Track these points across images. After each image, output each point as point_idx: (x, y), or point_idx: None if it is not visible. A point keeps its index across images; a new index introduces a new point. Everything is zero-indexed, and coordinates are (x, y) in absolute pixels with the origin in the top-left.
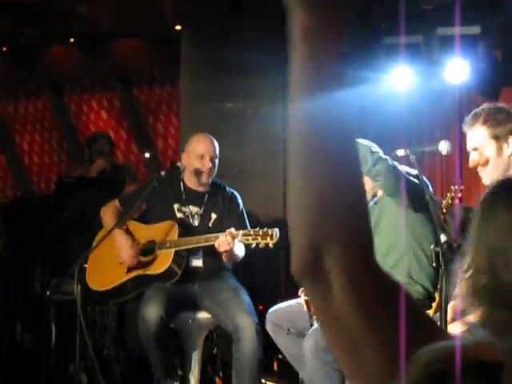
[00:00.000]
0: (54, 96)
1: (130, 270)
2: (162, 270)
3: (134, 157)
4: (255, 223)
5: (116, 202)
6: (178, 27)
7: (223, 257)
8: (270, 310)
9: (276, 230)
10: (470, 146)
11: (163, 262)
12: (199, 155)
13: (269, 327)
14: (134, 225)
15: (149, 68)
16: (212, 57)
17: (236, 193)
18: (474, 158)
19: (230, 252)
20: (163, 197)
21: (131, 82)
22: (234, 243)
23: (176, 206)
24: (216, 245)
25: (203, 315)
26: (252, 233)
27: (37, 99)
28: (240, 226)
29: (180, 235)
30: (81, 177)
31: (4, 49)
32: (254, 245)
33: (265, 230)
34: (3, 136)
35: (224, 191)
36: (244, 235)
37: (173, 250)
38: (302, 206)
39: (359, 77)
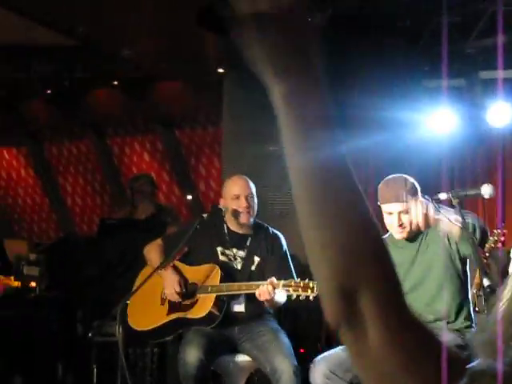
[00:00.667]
0: (97, 138)
1: (170, 311)
2: (202, 315)
3: (176, 199)
4: (297, 267)
5: (159, 241)
6: (221, 70)
7: (265, 303)
8: (321, 357)
9: (315, 282)
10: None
11: (203, 306)
12: (234, 196)
13: (321, 376)
14: (178, 266)
15: (191, 110)
16: (254, 99)
17: (279, 234)
18: None
19: (271, 300)
20: (207, 239)
21: (174, 124)
22: (274, 293)
23: (219, 248)
24: (257, 294)
25: (244, 358)
26: (293, 284)
27: (80, 141)
28: (282, 269)
29: (223, 278)
30: (123, 219)
31: (48, 91)
32: (294, 296)
33: (306, 281)
34: (47, 178)
35: (267, 233)
36: (285, 286)
37: (214, 295)
38: (327, 259)
39: (403, 119)
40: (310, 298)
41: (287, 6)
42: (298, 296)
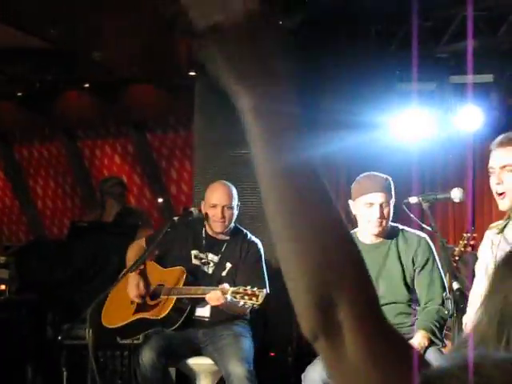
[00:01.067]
0: (68, 141)
1: (136, 311)
2: (162, 316)
3: (147, 202)
4: (270, 270)
5: (142, 242)
6: (192, 73)
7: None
8: (309, 366)
9: (264, 292)
10: (500, 162)
11: (164, 308)
12: (211, 205)
13: (315, 382)
14: (151, 266)
15: (163, 114)
16: (226, 103)
17: (257, 241)
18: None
19: (224, 307)
20: (183, 242)
21: (145, 127)
22: (224, 298)
23: (194, 252)
24: (206, 298)
25: (212, 362)
26: (241, 291)
27: (51, 144)
28: (252, 277)
29: (192, 282)
30: (94, 221)
31: (19, 94)
32: (241, 303)
33: (254, 289)
34: (17, 180)
35: (244, 239)
36: (233, 292)
37: (174, 298)
38: (303, 272)
39: (374, 122)
40: (255, 306)
41: (242, 15)
42: (244, 304)
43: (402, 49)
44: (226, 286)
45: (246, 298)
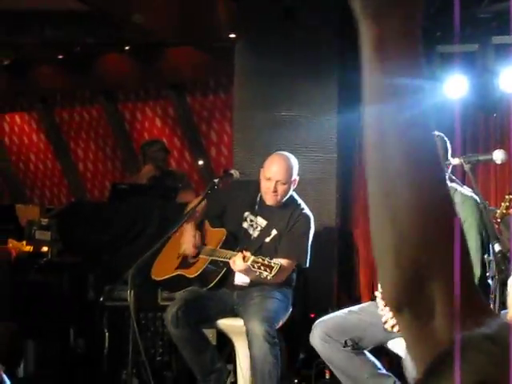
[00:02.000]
0: (108, 104)
1: (178, 267)
2: (194, 275)
3: (187, 164)
4: (319, 238)
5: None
6: (232, 35)
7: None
8: (318, 320)
9: (278, 264)
10: None
11: (197, 267)
12: (266, 177)
13: (318, 338)
14: (205, 225)
15: (202, 76)
16: (265, 65)
17: (309, 215)
18: None
19: (248, 274)
20: (238, 203)
21: (185, 90)
22: (245, 266)
23: (246, 214)
24: (230, 262)
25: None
26: (260, 260)
27: (91, 107)
28: (292, 249)
29: (234, 243)
30: (135, 184)
31: (60, 57)
32: (257, 273)
33: (269, 260)
34: (58, 143)
35: (296, 210)
36: (253, 261)
37: (208, 258)
38: (398, 231)
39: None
40: (268, 278)
41: None
42: (260, 274)
43: (443, 10)
44: (247, 253)
45: (262, 268)
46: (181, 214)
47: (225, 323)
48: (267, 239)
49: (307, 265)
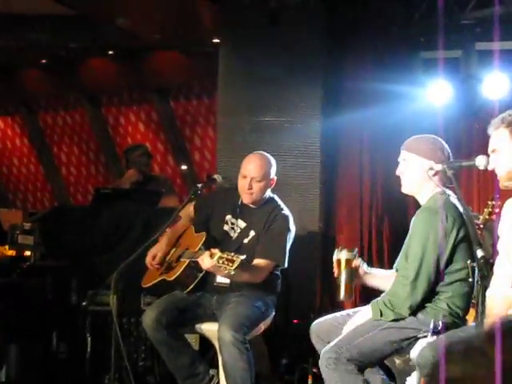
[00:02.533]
0: (92, 108)
1: (161, 273)
2: (172, 279)
3: (170, 169)
4: (298, 240)
5: (191, 207)
6: (216, 40)
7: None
8: (314, 322)
9: (239, 258)
10: (490, 147)
11: (176, 270)
12: (242, 175)
13: (313, 339)
14: (188, 231)
15: (186, 81)
16: (249, 70)
17: (286, 215)
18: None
19: (217, 272)
20: (221, 207)
21: (169, 94)
22: (213, 263)
23: (228, 217)
24: (199, 261)
25: None
26: (224, 256)
27: (75, 111)
28: (269, 248)
29: (214, 245)
30: (118, 188)
31: (43, 61)
32: (221, 268)
33: (232, 254)
34: (42, 147)
35: (273, 211)
36: (218, 257)
37: (186, 261)
38: None
39: (397, 92)
40: (231, 273)
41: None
42: (224, 269)
43: (427, 16)
44: (214, 250)
45: (226, 263)
46: (164, 218)
47: (205, 328)
48: (245, 240)
49: (285, 265)
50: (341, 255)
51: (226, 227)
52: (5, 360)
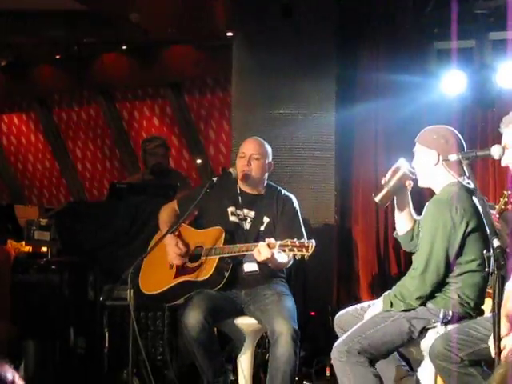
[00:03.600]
0: (107, 103)
1: (177, 275)
2: (206, 277)
3: (185, 163)
4: (306, 229)
5: (174, 204)
6: (230, 33)
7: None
8: (337, 315)
9: (312, 242)
10: (502, 144)
11: (207, 269)
12: (241, 155)
13: (337, 331)
14: (186, 230)
15: (200, 75)
16: (263, 63)
17: (292, 196)
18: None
19: (270, 261)
20: (218, 201)
21: (183, 88)
22: (272, 253)
23: (231, 209)
24: (254, 254)
25: (254, 321)
26: (289, 243)
27: (89, 106)
28: (291, 230)
29: (232, 239)
30: (134, 183)
31: (57, 56)
32: (290, 255)
33: (302, 241)
34: (57, 143)
35: (279, 194)
36: (281, 246)
37: (217, 258)
38: None
39: (411, 83)
40: (305, 257)
41: None
42: (294, 255)
43: (440, 6)
44: (271, 240)
45: (296, 249)
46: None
47: (234, 322)
48: (261, 228)
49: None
50: (403, 167)
51: (232, 218)
52: (23, 356)
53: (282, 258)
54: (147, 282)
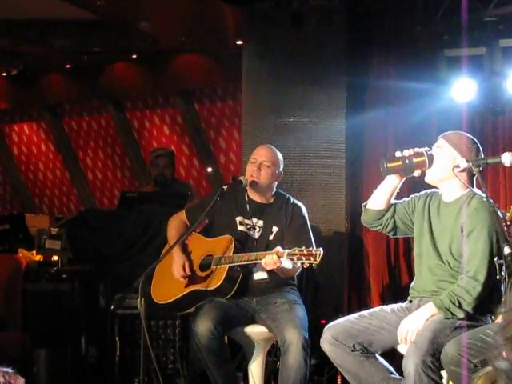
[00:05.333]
0: (117, 112)
1: (188, 284)
2: (216, 286)
3: (196, 172)
4: (316, 238)
5: (183, 215)
6: (239, 42)
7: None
8: (329, 324)
9: (320, 250)
10: None
11: (217, 278)
12: (251, 160)
13: (327, 343)
14: (196, 238)
15: (210, 83)
16: (273, 71)
17: (300, 205)
18: None
19: (279, 270)
20: (226, 210)
21: (193, 97)
22: (280, 262)
23: (239, 218)
24: (263, 263)
25: (264, 329)
26: (297, 252)
27: (100, 115)
28: (300, 239)
29: (241, 248)
30: (143, 192)
31: (68, 65)
32: (299, 264)
33: (310, 249)
34: (67, 152)
35: (288, 203)
36: (289, 254)
37: (227, 266)
38: None
39: (421, 90)
40: (313, 265)
41: None
42: (302, 264)
43: (450, 14)
44: (280, 248)
45: (304, 258)
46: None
47: (245, 331)
48: (270, 237)
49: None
50: (427, 155)
51: (241, 228)
52: (34, 365)
53: (291, 266)
54: (159, 292)
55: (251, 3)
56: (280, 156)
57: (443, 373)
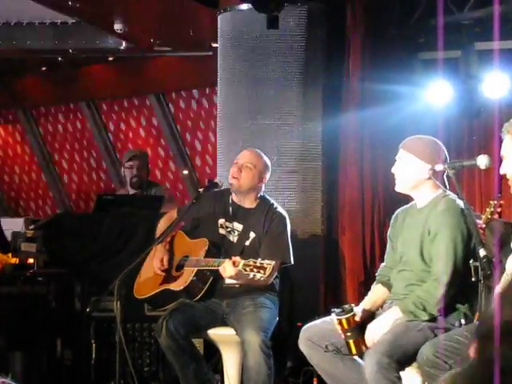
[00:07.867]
0: (92, 114)
1: (162, 282)
2: (182, 287)
3: (172, 174)
4: (293, 241)
5: (174, 213)
6: (215, 44)
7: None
8: (304, 327)
9: (272, 264)
10: (501, 151)
11: (184, 279)
12: (234, 162)
13: (303, 344)
14: (180, 238)
15: (186, 86)
16: (248, 73)
17: (283, 213)
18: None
19: (236, 279)
20: (210, 212)
21: (168, 99)
22: (236, 271)
23: (221, 221)
24: (220, 270)
25: (234, 331)
26: (251, 263)
27: (75, 118)
28: (275, 249)
29: (215, 252)
30: (120, 194)
31: (43, 68)
32: (251, 276)
33: (262, 262)
34: (43, 155)
35: (270, 210)
36: (244, 265)
37: (194, 269)
38: None
39: (397, 92)
40: (262, 279)
41: None
42: (253, 276)
43: (426, 16)
44: (236, 258)
45: (255, 270)
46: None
47: (214, 333)
48: (247, 242)
49: (292, 261)
50: (341, 317)
51: (221, 231)
52: (10, 368)
53: (248, 277)
54: (140, 286)
55: (227, 5)
56: (266, 161)
57: (402, 374)
